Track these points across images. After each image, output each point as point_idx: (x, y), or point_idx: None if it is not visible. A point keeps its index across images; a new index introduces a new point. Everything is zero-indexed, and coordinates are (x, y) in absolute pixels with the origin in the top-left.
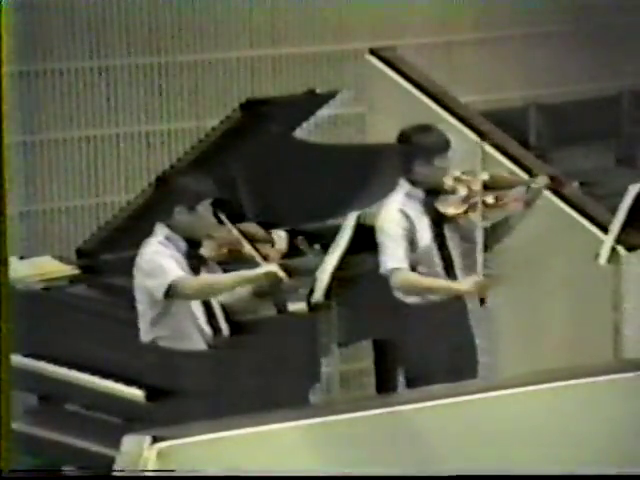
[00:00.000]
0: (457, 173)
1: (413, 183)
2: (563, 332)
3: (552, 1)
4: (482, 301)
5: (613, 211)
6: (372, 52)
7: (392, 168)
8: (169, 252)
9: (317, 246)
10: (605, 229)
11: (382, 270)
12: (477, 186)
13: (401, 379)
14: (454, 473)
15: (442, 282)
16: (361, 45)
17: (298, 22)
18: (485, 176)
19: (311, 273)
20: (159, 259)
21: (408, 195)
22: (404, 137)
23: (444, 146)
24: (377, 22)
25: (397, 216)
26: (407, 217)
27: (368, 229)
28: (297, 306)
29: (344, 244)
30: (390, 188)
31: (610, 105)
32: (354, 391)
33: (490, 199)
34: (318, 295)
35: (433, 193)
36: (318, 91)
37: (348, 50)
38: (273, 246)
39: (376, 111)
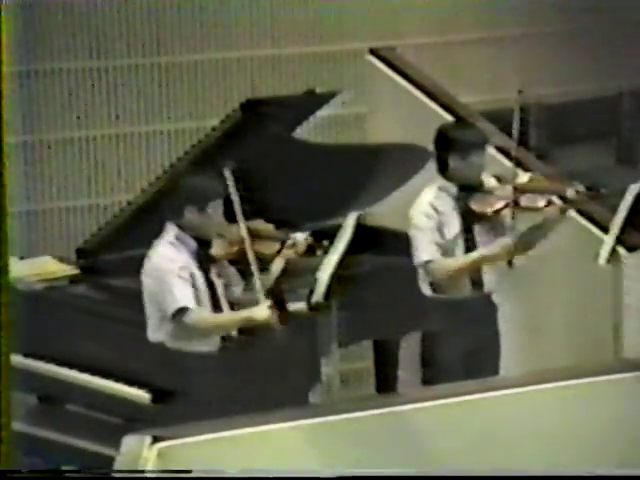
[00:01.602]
0: (493, 172)
1: (447, 178)
2: (563, 332)
3: (552, 1)
4: (510, 263)
5: (613, 211)
6: (372, 52)
7: (392, 167)
8: (180, 257)
9: (326, 242)
10: (605, 229)
11: (415, 262)
12: (513, 187)
13: (412, 376)
14: (454, 473)
15: (473, 254)
16: (361, 45)
17: (298, 22)
18: (522, 178)
19: (311, 273)
20: (170, 275)
21: (441, 189)
22: (442, 133)
23: (481, 143)
24: (377, 22)
25: (427, 209)
26: (436, 211)
27: (368, 229)
28: (297, 306)
29: (344, 244)
30: (391, 188)
31: (610, 105)
32: (354, 391)
33: (524, 201)
34: (318, 295)
35: (466, 189)
36: (318, 91)
37: (348, 50)
38: (284, 244)
39: (376, 111)
